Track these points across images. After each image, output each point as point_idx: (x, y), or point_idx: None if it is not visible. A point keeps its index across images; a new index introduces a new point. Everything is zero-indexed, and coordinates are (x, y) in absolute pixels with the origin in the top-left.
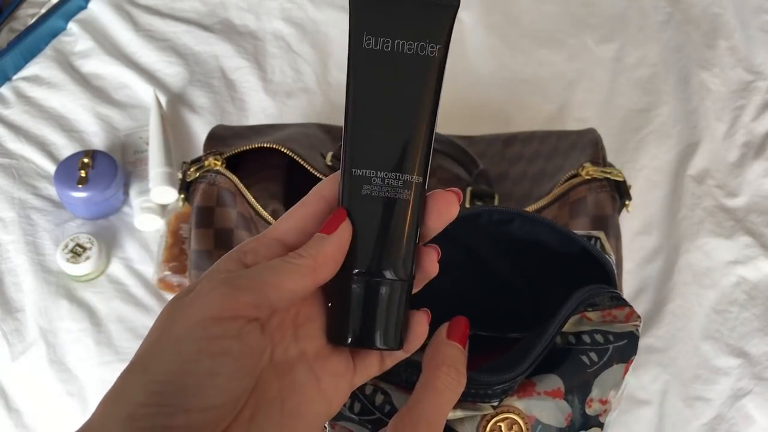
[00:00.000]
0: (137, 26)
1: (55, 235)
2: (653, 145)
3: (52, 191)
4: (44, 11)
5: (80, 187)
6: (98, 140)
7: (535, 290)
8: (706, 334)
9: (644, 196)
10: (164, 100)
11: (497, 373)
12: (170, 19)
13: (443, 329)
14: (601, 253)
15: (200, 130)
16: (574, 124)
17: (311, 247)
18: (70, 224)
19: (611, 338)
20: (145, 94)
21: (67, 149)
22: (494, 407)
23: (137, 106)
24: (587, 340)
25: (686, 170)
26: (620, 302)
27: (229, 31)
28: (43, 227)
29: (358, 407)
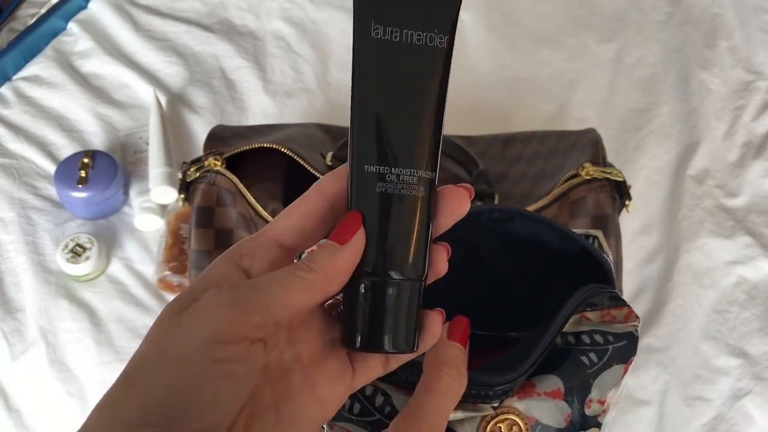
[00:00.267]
0: (137, 26)
1: (55, 235)
2: (653, 145)
3: (52, 191)
4: (44, 11)
5: (80, 187)
6: (98, 140)
7: (534, 289)
8: (706, 334)
9: (644, 196)
10: (164, 100)
11: (498, 373)
12: (170, 19)
13: (444, 329)
14: (599, 252)
15: (200, 130)
16: (574, 124)
17: (323, 259)
18: (70, 224)
19: (611, 339)
20: (145, 94)
21: (67, 149)
22: (495, 408)
23: (137, 106)
24: (587, 340)
25: (686, 170)
26: (619, 302)
27: (229, 31)
28: (43, 227)
29: (357, 408)
